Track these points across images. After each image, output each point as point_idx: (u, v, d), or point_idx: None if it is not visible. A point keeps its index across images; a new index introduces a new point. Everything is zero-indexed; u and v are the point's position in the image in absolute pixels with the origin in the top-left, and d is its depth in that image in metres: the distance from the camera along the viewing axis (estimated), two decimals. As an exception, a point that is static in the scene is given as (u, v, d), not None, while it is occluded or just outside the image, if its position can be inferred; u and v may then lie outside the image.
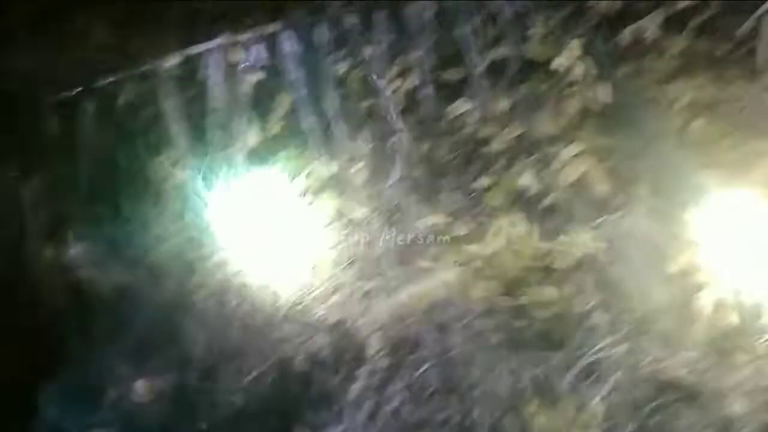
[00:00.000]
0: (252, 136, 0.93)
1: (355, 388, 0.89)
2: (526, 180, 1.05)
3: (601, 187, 1.00)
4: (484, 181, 1.10)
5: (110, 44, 1.03)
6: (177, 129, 0.87)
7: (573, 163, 1.03)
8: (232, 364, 0.84)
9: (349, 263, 0.98)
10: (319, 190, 0.98)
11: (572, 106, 1.09)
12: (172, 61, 0.88)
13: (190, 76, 0.88)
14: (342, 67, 0.98)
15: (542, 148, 1.11)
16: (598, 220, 1.03)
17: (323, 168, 0.95)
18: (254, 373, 0.87)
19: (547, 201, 1.02)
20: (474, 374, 0.89)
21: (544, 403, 0.85)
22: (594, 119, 1.09)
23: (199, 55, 0.89)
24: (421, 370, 0.90)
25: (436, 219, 1.03)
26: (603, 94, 1.06)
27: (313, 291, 0.96)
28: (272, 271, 0.99)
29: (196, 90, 0.88)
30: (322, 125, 0.95)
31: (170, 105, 0.86)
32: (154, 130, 0.87)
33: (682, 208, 0.99)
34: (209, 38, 0.91)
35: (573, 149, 1.04)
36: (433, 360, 0.91)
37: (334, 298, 0.95)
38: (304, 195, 0.99)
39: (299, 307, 0.95)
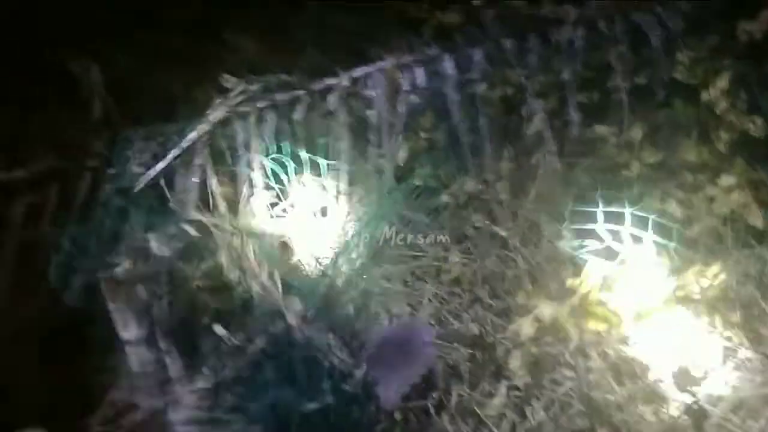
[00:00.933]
0: (402, 153, 0.96)
1: (495, 403, 0.90)
2: (669, 207, 1.04)
3: (755, 220, 0.98)
4: (618, 206, 1.10)
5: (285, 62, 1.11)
6: (340, 145, 0.91)
7: (723, 194, 1.02)
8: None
9: (486, 280, 1.00)
10: (462, 207, 1.01)
11: (720, 135, 1.08)
12: (342, 81, 0.93)
13: (353, 96, 0.93)
14: (492, 88, 1.01)
15: (685, 176, 1.10)
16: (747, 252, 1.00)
17: (468, 185, 0.98)
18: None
19: (694, 230, 1.01)
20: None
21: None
22: (744, 150, 1.07)
23: (364, 76, 0.94)
24: (562, 390, 0.90)
25: (571, 238, 1.04)
26: (754, 124, 1.04)
27: (451, 303, 0.99)
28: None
29: (358, 109, 0.93)
30: (470, 144, 0.97)
31: (335, 122, 0.91)
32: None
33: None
34: (372, 61, 0.96)
35: (724, 180, 1.02)
36: (574, 381, 0.90)
37: (472, 312, 0.97)
38: (446, 210, 1.02)
39: (437, 319, 0.97)
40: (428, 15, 1.35)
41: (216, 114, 0.95)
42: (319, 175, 0.96)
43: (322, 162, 0.93)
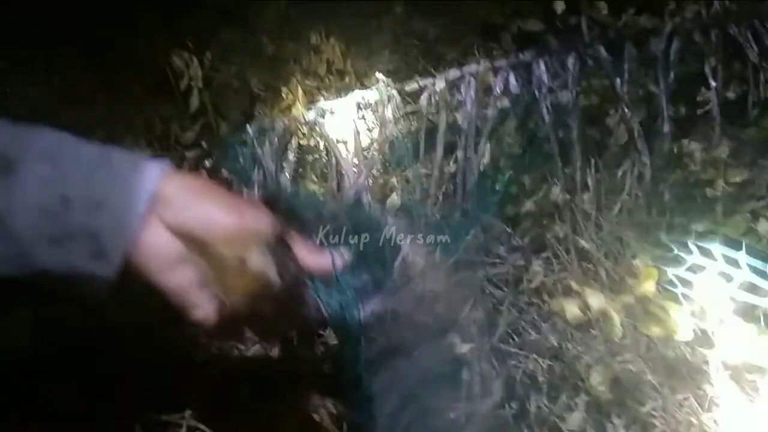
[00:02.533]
0: (486, 158, 0.96)
1: (575, 417, 0.88)
2: (762, 228, 1.01)
3: None
4: (702, 225, 1.07)
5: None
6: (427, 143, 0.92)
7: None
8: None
9: (566, 292, 0.98)
10: (545, 216, 0.99)
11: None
12: (436, 82, 0.93)
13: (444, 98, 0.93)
14: (583, 97, 1.00)
15: (774, 197, 1.06)
16: None
17: (554, 193, 0.97)
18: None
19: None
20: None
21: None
22: None
23: (456, 79, 0.94)
24: (644, 409, 0.87)
25: (656, 254, 1.01)
26: None
27: (529, 313, 0.97)
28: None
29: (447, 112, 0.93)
30: (558, 152, 0.96)
31: (429, 123, 0.91)
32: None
33: None
34: (464, 64, 0.96)
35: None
36: (657, 401, 0.88)
37: (551, 323, 0.95)
38: (528, 218, 1.01)
39: (515, 329, 0.96)
40: (509, 21, 1.35)
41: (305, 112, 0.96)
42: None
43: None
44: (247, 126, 0.85)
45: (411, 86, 0.93)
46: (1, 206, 0.51)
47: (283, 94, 1.06)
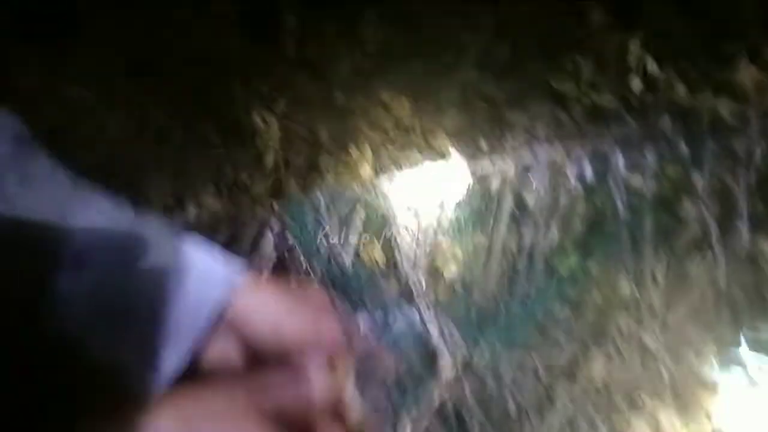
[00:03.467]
0: (555, 237, 0.93)
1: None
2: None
3: None
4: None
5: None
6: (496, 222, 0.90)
7: None
8: None
9: (627, 391, 0.94)
10: (610, 308, 0.96)
11: None
12: (507, 164, 0.92)
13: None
14: (660, 187, 0.96)
15: None
16: None
17: (622, 285, 0.93)
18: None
19: None
20: None
21: None
22: None
23: (530, 163, 0.92)
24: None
25: (717, 361, 0.96)
26: None
27: (586, 405, 0.93)
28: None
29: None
30: (628, 241, 0.93)
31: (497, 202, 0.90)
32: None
33: None
34: (534, 136, 0.94)
35: None
36: None
37: (608, 422, 0.91)
38: (592, 306, 0.97)
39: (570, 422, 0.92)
40: (581, 93, 1.33)
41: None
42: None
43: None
44: (317, 191, 0.84)
45: (481, 166, 0.92)
46: (64, 298, 0.50)
47: (350, 149, 1.06)
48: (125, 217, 0.68)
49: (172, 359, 0.64)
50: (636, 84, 1.24)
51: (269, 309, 0.66)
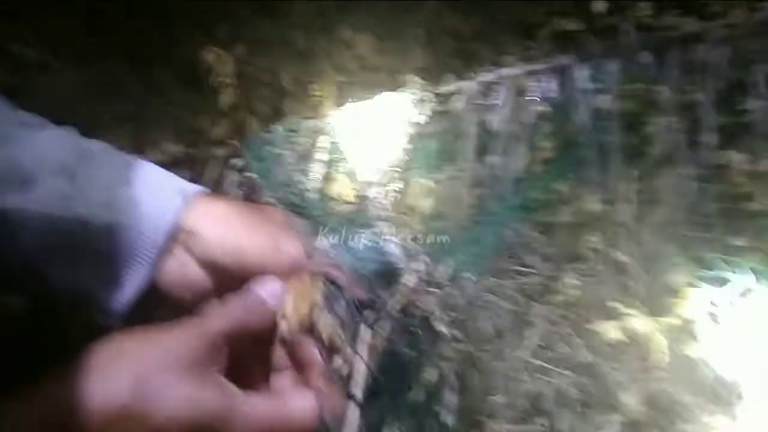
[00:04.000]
0: (523, 162, 0.93)
1: (606, 436, 0.85)
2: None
3: None
4: (743, 240, 1.03)
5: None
6: (461, 146, 0.89)
7: None
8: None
9: (601, 306, 0.95)
10: (580, 226, 0.96)
11: None
12: (470, 85, 0.90)
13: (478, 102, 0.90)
14: (626, 104, 0.96)
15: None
16: None
17: (589, 204, 0.94)
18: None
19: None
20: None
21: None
22: None
23: (492, 82, 0.91)
24: (678, 429, 0.84)
25: (693, 269, 0.98)
26: None
27: (561, 326, 0.94)
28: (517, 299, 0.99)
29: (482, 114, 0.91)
30: (596, 160, 0.93)
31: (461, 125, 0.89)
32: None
33: None
34: (499, 64, 0.93)
35: None
36: (692, 422, 0.85)
37: (584, 339, 0.92)
38: (562, 228, 0.98)
39: (546, 342, 0.93)
40: (545, 20, 1.31)
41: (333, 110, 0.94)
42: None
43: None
44: (276, 125, 0.83)
45: (445, 88, 0.91)
46: (16, 219, 0.50)
47: (313, 90, 1.04)
48: (73, 140, 0.66)
49: (132, 280, 0.63)
50: (599, 5, 1.22)
51: (227, 224, 0.65)
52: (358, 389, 0.53)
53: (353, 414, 0.52)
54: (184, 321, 0.50)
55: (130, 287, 0.53)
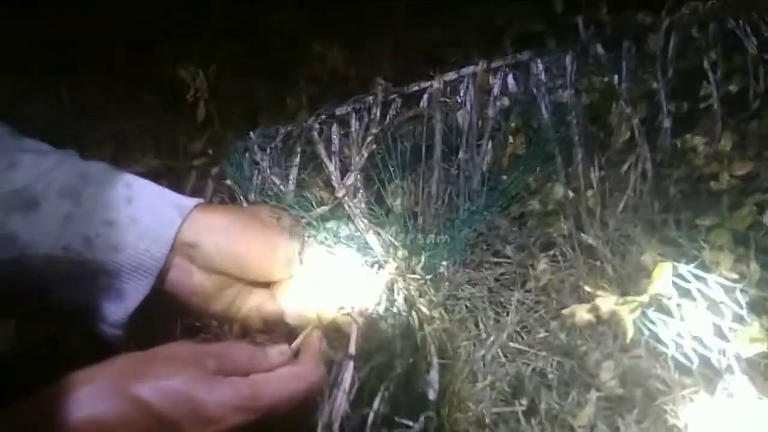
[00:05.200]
0: (491, 156, 0.97)
1: (586, 413, 0.88)
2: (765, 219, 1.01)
3: None
4: (708, 219, 1.07)
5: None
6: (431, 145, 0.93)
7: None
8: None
9: (574, 289, 0.99)
10: (550, 214, 1.00)
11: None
12: (435, 84, 0.94)
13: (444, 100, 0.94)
14: (584, 95, 1.01)
15: (779, 189, 1.06)
16: None
17: (557, 192, 0.98)
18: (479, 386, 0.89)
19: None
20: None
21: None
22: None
23: (455, 80, 0.95)
24: (656, 404, 0.88)
25: (660, 251, 1.01)
26: None
27: (538, 311, 0.98)
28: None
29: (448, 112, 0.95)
30: (561, 150, 0.97)
31: (429, 125, 0.93)
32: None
33: None
34: (463, 66, 0.97)
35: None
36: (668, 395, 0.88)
37: (560, 321, 0.96)
38: (533, 216, 1.02)
39: (524, 327, 0.96)
40: (509, 23, 1.37)
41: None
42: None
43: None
44: (251, 133, 0.87)
45: (411, 89, 0.95)
46: (25, 241, 0.53)
47: (288, 102, 1.08)
48: (74, 163, 0.70)
49: (135, 293, 0.67)
50: (559, 5, 1.28)
51: (225, 233, 0.70)
52: (352, 348, 0.57)
53: (348, 372, 0.56)
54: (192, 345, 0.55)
55: (132, 300, 0.56)
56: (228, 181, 0.83)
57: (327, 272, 0.67)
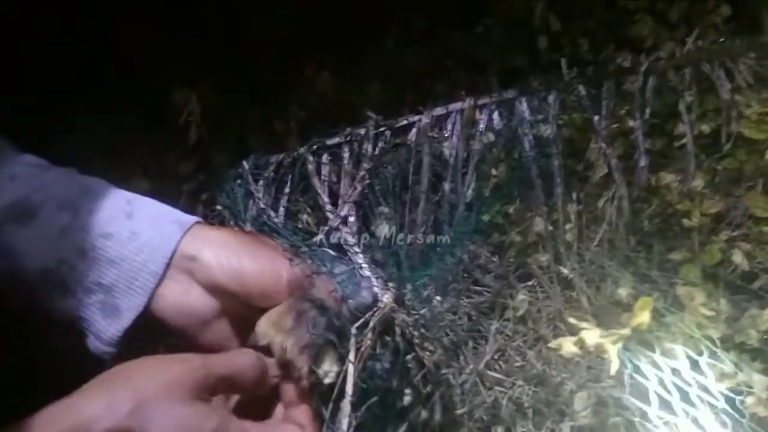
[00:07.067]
0: (474, 188, 0.99)
1: (558, 442, 0.91)
2: (737, 258, 1.05)
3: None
4: (680, 255, 1.12)
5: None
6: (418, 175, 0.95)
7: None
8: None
9: (551, 318, 1.02)
10: (529, 246, 1.03)
11: (786, 187, 1.09)
12: (423, 119, 0.97)
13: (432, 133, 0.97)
14: (563, 132, 1.04)
15: (751, 227, 1.11)
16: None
17: (538, 225, 1.01)
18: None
19: (757, 283, 1.02)
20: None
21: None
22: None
23: (443, 116, 0.98)
24: (626, 434, 0.90)
25: (629, 286, 1.05)
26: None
27: (515, 340, 1.00)
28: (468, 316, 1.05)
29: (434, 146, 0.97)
30: (541, 185, 1.00)
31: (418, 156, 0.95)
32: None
33: None
34: (451, 102, 1.00)
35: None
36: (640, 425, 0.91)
37: (536, 350, 0.98)
38: (512, 248, 1.05)
39: (501, 355, 0.99)
40: (494, 57, 1.41)
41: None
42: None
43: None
44: (243, 162, 0.89)
45: (401, 122, 0.97)
46: (21, 251, 0.53)
47: (276, 127, 1.10)
48: (75, 178, 0.70)
49: (130, 309, 0.67)
50: (542, 42, 1.32)
51: (227, 249, 0.69)
52: (349, 388, 0.58)
53: (345, 412, 0.56)
54: (188, 354, 0.53)
55: (127, 316, 0.55)
56: (219, 207, 0.84)
57: (318, 301, 0.68)
